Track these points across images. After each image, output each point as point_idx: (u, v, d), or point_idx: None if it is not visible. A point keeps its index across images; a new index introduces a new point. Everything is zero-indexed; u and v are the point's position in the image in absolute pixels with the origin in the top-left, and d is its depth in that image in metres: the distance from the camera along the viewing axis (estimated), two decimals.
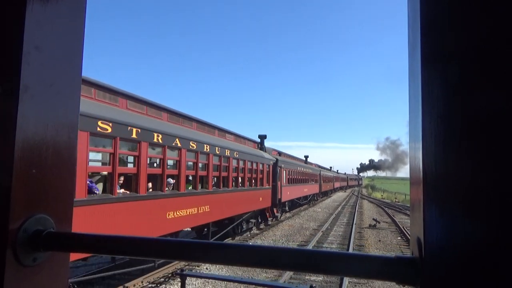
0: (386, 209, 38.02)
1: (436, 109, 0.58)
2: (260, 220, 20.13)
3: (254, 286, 5.99)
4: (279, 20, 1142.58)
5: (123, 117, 8.32)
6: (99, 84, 8.35)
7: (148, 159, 9.23)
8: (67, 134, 0.93)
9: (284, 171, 23.83)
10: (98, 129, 7.28)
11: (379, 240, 18.39)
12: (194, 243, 0.79)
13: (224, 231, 14.83)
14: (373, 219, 24.86)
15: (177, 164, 10.54)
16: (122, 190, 8.36)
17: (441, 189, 0.56)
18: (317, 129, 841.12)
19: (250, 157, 17.01)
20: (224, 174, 13.95)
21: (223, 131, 15.78)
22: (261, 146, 21.18)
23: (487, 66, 0.56)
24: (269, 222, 21.21)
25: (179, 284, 5.26)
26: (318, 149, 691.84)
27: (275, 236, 18.08)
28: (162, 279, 10.36)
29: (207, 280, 9.84)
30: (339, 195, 66.91)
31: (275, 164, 21.41)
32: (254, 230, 19.05)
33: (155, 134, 9.27)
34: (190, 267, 11.63)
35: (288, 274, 11.01)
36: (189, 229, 13.25)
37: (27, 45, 0.82)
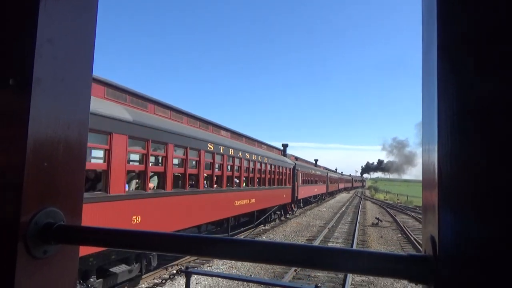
0: (388, 209, 40.33)
1: (452, 106, 0.57)
2: (282, 213, 25.16)
3: (258, 284, 6.02)
4: (281, 19, 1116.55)
5: (216, 139, 13.44)
6: (204, 119, 13.48)
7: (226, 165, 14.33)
8: (77, 128, 0.95)
9: (300, 174, 28.92)
10: (208, 148, 12.37)
11: (381, 237, 20.52)
12: (202, 238, 0.81)
13: (261, 218, 20.04)
14: (376, 217, 27.00)
15: (239, 169, 15.69)
16: (215, 185, 13.48)
17: (458, 189, 0.56)
18: (320, 130, 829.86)
19: (278, 162, 22.23)
20: (263, 176, 19.12)
21: (259, 143, 21.16)
22: (284, 153, 26.53)
23: (508, 61, 0.54)
24: (288, 216, 26.21)
25: (184, 281, 5.41)
26: (321, 150, 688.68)
27: (285, 232, 20.37)
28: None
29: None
30: (343, 196, 70.53)
31: (294, 168, 26.54)
32: (265, 227, 21.75)
33: (230, 149, 14.43)
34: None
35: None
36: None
37: (40, 38, 0.84)
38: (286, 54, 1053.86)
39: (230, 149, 14.49)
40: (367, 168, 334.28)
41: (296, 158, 31.24)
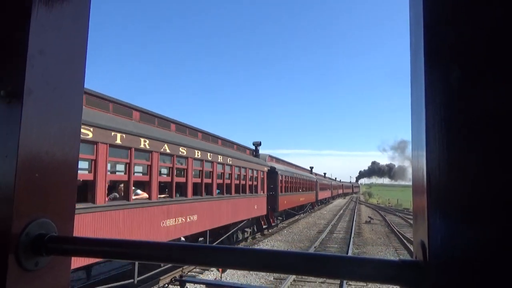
0: (379, 211, 51.42)
1: (440, 113, 0.60)
2: (310, 208, 44.47)
3: None
4: (276, 27, 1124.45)
5: (296, 170, 32.45)
6: (294, 164, 32.70)
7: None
8: (70, 138, 0.99)
9: (318, 183, 48.53)
10: (299, 175, 31.28)
11: (372, 229, 28.15)
12: (198, 247, 0.85)
13: (304, 210, 39.37)
14: (369, 217, 37.90)
15: (301, 183, 34.69)
16: (296, 191, 32.34)
17: (446, 194, 0.59)
18: (313, 137, 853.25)
19: (309, 177, 41.84)
20: (305, 186, 38.35)
21: (302, 168, 41.65)
22: (311, 171, 46.76)
23: (492, 67, 0.58)
24: (311, 211, 45.29)
25: None
26: (315, 156, 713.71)
27: (298, 228, 27.93)
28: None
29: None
30: (340, 201, 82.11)
31: (316, 181, 46.50)
32: (283, 224, 30.77)
33: (298, 174, 33.58)
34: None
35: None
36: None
37: (31, 48, 0.88)
38: (279, 62, 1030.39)
39: (298, 174, 33.66)
40: (373, 171, 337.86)
41: (316, 174, 51.18)
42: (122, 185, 9.55)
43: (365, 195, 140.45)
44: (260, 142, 23.38)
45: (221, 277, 11.70)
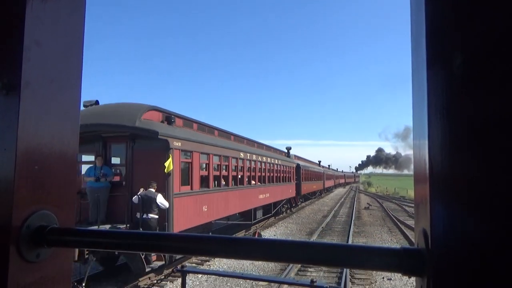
0: (377, 199, 56.64)
1: (442, 100, 0.61)
2: (319, 193, 55.90)
3: (255, 280, 6.57)
4: (275, 21, 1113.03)
5: (312, 165, 44.10)
6: (316, 161, 44.27)
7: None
8: (68, 130, 1.01)
9: (325, 174, 60.09)
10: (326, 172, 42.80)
11: (370, 214, 31.87)
12: (202, 238, 0.86)
13: (315, 195, 51.16)
14: (367, 203, 43.86)
15: (312, 175, 46.26)
16: (311, 180, 43.81)
17: (449, 183, 0.60)
18: (312, 128, 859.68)
19: (318, 170, 53.54)
20: (316, 176, 49.87)
21: (312, 162, 52.81)
22: (319, 164, 58.36)
23: (495, 56, 0.58)
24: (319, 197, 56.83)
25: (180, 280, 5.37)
26: (314, 147, 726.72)
27: (305, 213, 31.49)
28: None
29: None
30: (340, 190, 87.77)
31: (323, 172, 58.00)
32: (294, 210, 35.25)
33: (311, 168, 45.12)
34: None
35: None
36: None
37: (27, 40, 0.89)
38: (279, 56, 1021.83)
39: (312, 168, 45.20)
40: (379, 160, 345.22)
41: (323, 166, 63.42)
42: (246, 179, 21.10)
43: (364, 185, 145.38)
44: (291, 147, 34.95)
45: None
